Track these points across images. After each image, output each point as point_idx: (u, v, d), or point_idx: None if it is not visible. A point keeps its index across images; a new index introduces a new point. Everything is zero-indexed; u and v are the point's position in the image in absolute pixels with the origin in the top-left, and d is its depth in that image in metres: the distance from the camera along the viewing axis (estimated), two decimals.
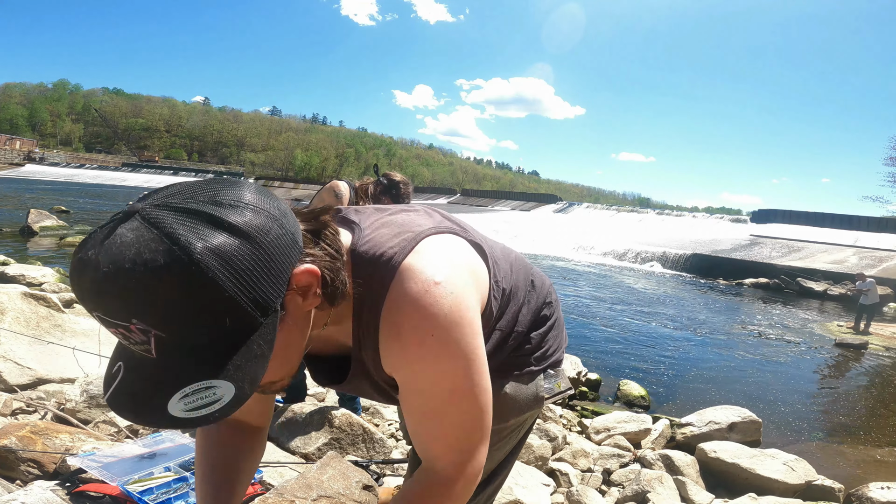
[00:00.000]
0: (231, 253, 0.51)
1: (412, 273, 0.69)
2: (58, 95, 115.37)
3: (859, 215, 29.06)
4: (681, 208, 65.98)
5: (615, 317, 9.70)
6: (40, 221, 12.58)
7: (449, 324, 0.68)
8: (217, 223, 0.52)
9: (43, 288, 5.63)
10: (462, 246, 0.79)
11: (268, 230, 0.55)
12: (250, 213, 0.54)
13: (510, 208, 48.92)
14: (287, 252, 0.57)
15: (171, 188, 0.57)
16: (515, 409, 0.98)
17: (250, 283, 0.52)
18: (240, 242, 0.52)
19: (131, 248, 0.49)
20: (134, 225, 0.51)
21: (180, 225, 0.50)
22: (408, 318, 0.68)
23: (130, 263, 0.48)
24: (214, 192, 0.55)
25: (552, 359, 1.02)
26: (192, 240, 0.49)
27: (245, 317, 0.53)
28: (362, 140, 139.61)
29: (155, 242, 0.49)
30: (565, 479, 2.74)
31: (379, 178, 2.74)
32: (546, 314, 1.02)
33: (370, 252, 0.71)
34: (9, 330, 2.75)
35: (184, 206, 0.52)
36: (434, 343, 0.68)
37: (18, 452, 1.65)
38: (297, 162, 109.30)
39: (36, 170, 75.71)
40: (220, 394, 0.53)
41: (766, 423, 4.42)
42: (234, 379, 0.54)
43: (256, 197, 0.58)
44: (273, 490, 1.60)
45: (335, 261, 0.66)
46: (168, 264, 0.48)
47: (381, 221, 0.77)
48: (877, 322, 11.38)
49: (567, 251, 22.82)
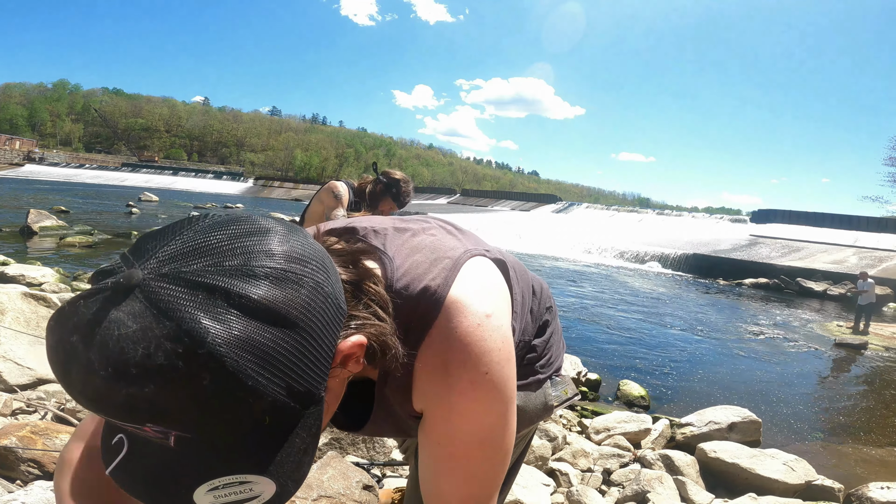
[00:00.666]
0: (269, 346, 0.41)
1: (461, 306, 0.63)
2: (57, 95, 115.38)
3: (859, 215, 29.10)
4: (680, 208, 66.00)
5: (615, 317, 9.70)
6: (40, 221, 12.57)
7: (502, 360, 0.63)
8: (251, 309, 0.41)
9: (43, 288, 5.63)
10: (493, 268, 0.74)
11: (312, 307, 0.45)
12: (292, 288, 0.44)
13: (510, 208, 48.90)
14: (333, 327, 0.48)
15: (181, 243, 0.43)
16: (526, 419, 0.95)
17: (291, 377, 0.43)
18: (278, 331, 0.42)
19: (136, 347, 0.38)
20: (136, 309, 0.39)
21: (201, 312, 0.39)
22: (458, 354, 0.61)
23: (138, 369, 0.38)
24: (245, 256, 0.43)
25: (555, 365, 1.01)
26: (218, 335, 0.39)
27: (286, 411, 0.44)
28: (362, 140, 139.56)
29: (168, 340, 0.38)
30: (565, 479, 2.74)
31: (378, 176, 2.71)
32: (547, 320, 1.01)
33: (410, 287, 0.64)
34: (9, 328, 2.74)
35: (203, 280, 0.40)
36: (487, 382, 0.62)
37: (19, 452, 1.64)
38: (297, 162, 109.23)
39: (36, 170, 75.67)
40: (259, 490, 0.45)
41: (766, 423, 4.42)
42: (274, 476, 0.45)
43: (297, 255, 0.46)
44: None
45: (383, 323, 0.57)
46: (190, 371, 0.38)
47: (409, 246, 0.70)
48: (877, 322, 11.38)
49: (567, 251, 22.81)
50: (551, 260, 20.08)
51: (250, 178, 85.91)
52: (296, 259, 0.45)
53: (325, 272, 0.48)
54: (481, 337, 0.62)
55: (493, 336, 0.62)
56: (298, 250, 0.46)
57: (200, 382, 0.38)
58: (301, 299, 0.44)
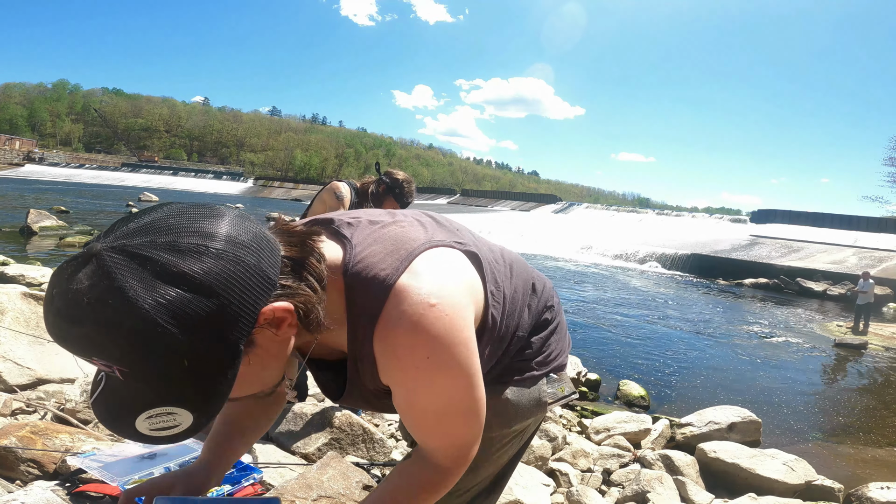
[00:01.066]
0: (184, 307, 0.52)
1: (406, 295, 0.69)
2: (57, 95, 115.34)
3: (859, 215, 29.13)
4: (680, 208, 66.02)
5: (615, 317, 9.70)
6: (40, 221, 12.58)
7: (444, 345, 0.69)
8: (172, 275, 0.52)
9: (42, 288, 5.62)
10: (456, 259, 0.79)
11: (228, 277, 0.55)
12: (211, 260, 0.55)
13: (510, 208, 48.95)
14: (252, 294, 0.58)
15: (134, 223, 0.57)
16: (518, 414, 0.97)
17: (205, 333, 0.54)
18: (193, 296, 0.53)
19: (84, 298, 0.51)
20: (90, 271, 0.52)
21: (133, 277, 0.51)
22: (403, 339, 0.69)
23: (82, 314, 0.51)
24: (177, 234, 0.55)
25: (555, 363, 1.01)
26: (143, 295, 0.51)
27: (203, 358, 0.55)
28: (362, 140, 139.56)
29: (107, 294, 0.51)
30: (565, 479, 2.74)
31: (381, 176, 2.70)
32: (547, 318, 1.01)
33: (363, 273, 0.72)
34: (9, 329, 2.75)
35: (140, 252, 0.53)
36: (430, 364, 0.69)
37: (18, 452, 1.64)
38: (297, 162, 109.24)
39: (35, 170, 75.71)
40: (180, 420, 0.58)
41: (766, 423, 4.42)
42: (192, 409, 0.58)
43: (225, 236, 0.57)
44: (273, 490, 1.60)
45: (314, 293, 0.66)
46: (118, 319, 0.51)
47: (373, 237, 0.77)
48: (876, 322, 11.39)
49: (567, 251, 22.83)
50: (551, 260, 20.08)
51: (250, 178, 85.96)
52: (220, 238, 0.57)
53: (255, 250, 0.59)
54: (423, 325, 0.67)
55: (435, 324, 0.68)
56: (225, 231, 0.58)
57: (123, 326, 0.51)
58: (216, 269, 0.55)
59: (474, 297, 0.79)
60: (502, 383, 0.96)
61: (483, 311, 0.83)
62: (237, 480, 1.65)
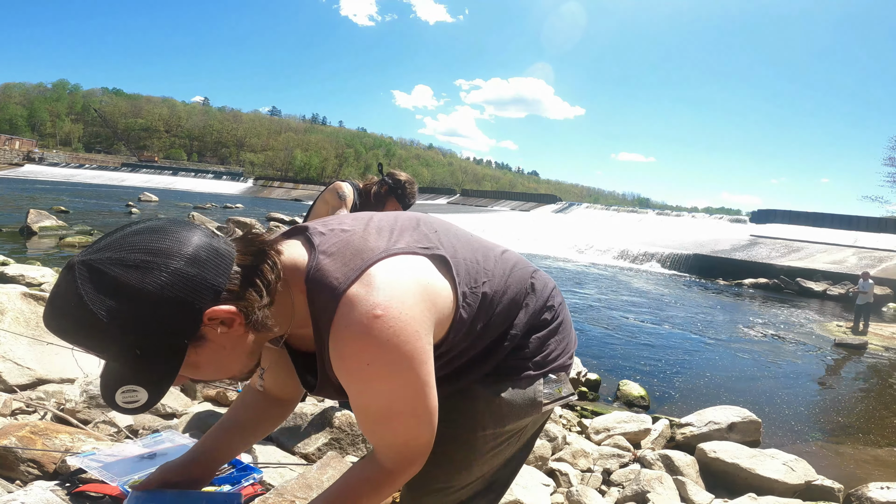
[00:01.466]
0: (126, 311, 0.66)
1: (352, 306, 0.75)
2: (57, 95, 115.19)
3: (859, 215, 29.14)
4: (680, 208, 66.01)
5: (615, 317, 9.70)
6: (40, 221, 12.57)
7: (386, 354, 0.74)
8: (117, 286, 0.66)
9: (42, 288, 5.62)
10: (416, 265, 0.83)
11: (165, 285, 0.67)
12: (152, 273, 0.67)
13: (510, 208, 48.95)
14: (192, 299, 0.69)
15: (105, 239, 0.71)
16: (512, 414, 0.96)
17: (149, 329, 0.68)
18: (133, 302, 0.66)
19: (60, 299, 0.68)
20: (67, 279, 0.67)
21: (91, 286, 0.66)
22: (349, 346, 0.75)
23: (58, 311, 0.68)
24: (128, 251, 0.68)
25: (554, 364, 1.01)
26: (95, 301, 0.65)
27: (150, 349, 0.69)
28: (362, 140, 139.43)
29: (74, 298, 0.66)
30: (565, 479, 2.74)
31: (383, 177, 2.70)
32: (547, 317, 1.01)
33: (320, 280, 0.79)
34: (8, 331, 2.75)
35: (97, 266, 0.67)
36: (371, 370, 0.75)
37: (18, 452, 1.64)
38: (297, 162, 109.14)
39: (35, 170, 75.69)
40: (140, 397, 0.73)
41: (766, 424, 4.42)
42: (147, 388, 0.73)
43: (167, 251, 0.69)
44: (273, 490, 1.60)
45: (260, 298, 0.76)
46: (80, 318, 0.66)
47: (337, 245, 0.83)
48: (876, 322, 11.39)
49: (567, 251, 22.83)
50: (551, 260, 20.08)
51: (250, 178, 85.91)
52: (162, 254, 0.69)
53: (198, 262, 0.70)
54: (367, 333, 0.74)
55: (379, 334, 0.73)
56: (168, 248, 0.69)
57: (83, 324, 0.66)
58: (155, 280, 0.67)
59: (434, 301, 0.82)
60: (497, 382, 0.96)
61: (454, 311, 0.86)
62: (237, 480, 1.65)
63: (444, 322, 0.85)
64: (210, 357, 0.76)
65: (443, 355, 0.89)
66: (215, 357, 0.77)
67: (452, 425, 0.97)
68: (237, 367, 0.83)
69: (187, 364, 0.75)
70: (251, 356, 0.83)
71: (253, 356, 0.84)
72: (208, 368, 0.78)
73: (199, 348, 0.74)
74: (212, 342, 0.75)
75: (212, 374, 0.80)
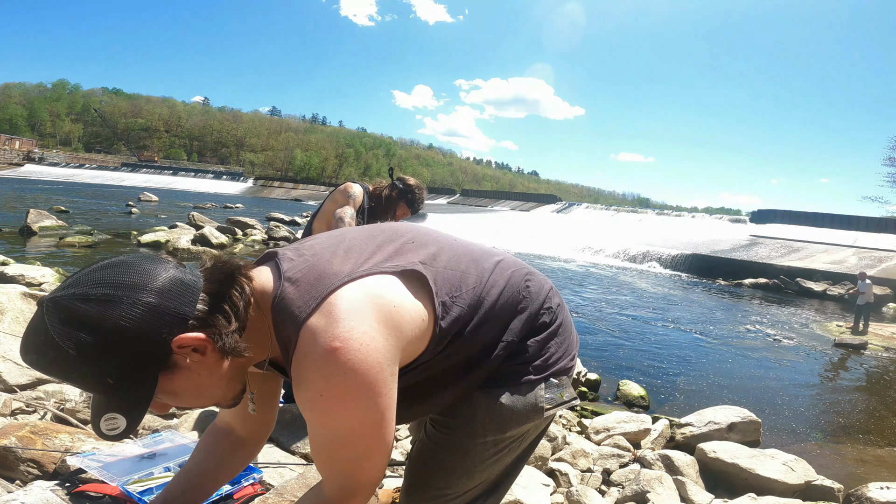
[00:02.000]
0: (93, 345, 0.69)
1: (312, 336, 0.76)
2: (57, 95, 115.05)
3: (858, 215, 29.12)
4: (680, 208, 65.98)
5: (615, 317, 9.71)
6: (39, 221, 12.57)
7: (339, 387, 0.75)
8: (80, 320, 0.69)
9: (42, 288, 5.61)
10: (380, 288, 0.82)
11: (126, 317, 0.70)
12: (114, 307, 0.69)
13: (510, 208, 48.95)
14: (157, 328, 0.71)
15: (73, 277, 0.74)
16: (513, 420, 0.95)
17: (116, 360, 0.70)
18: (97, 335, 0.69)
19: (30, 336, 0.71)
20: (37, 315, 0.71)
21: (57, 322, 0.69)
22: (304, 374, 0.76)
23: (30, 346, 0.71)
24: (91, 286, 0.71)
25: (555, 367, 0.99)
26: (61, 334, 0.68)
27: (121, 378, 0.72)
28: (362, 140, 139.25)
29: (42, 334, 0.69)
30: (565, 479, 2.73)
31: (394, 181, 2.77)
32: (545, 321, 0.99)
33: (282, 309, 0.80)
34: (8, 333, 2.75)
35: (63, 302, 0.70)
36: (322, 401, 0.76)
37: (18, 452, 1.64)
38: (297, 162, 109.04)
39: (35, 170, 75.67)
40: (120, 424, 0.75)
41: (766, 424, 4.42)
42: (125, 415, 0.75)
43: (129, 285, 0.71)
44: (273, 490, 1.60)
45: (229, 323, 0.77)
46: (47, 352, 0.69)
47: (301, 271, 0.83)
48: (876, 322, 11.39)
49: (567, 251, 22.82)
50: (551, 260, 20.08)
51: (250, 177, 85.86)
52: (124, 287, 0.71)
53: (161, 293, 0.72)
54: (322, 365, 0.74)
55: (336, 367, 0.74)
56: (130, 282, 0.72)
57: (48, 355, 0.70)
58: (116, 313, 0.69)
59: (399, 324, 0.81)
60: (496, 388, 0.95)
61: (432, 324, 0.86)
62: (237, 480, 1.65)
63: (421, 338, 0.85)
64: (186, 384, 0.78)
65: (422, 364, 0.89)
66: (192, 384, 0.78)
67: (452, 432, 0.97)
68: (219, 394, 0.84)
69: (165, 392, 0.77)
70: (232, 382, 0.84)
71: (234, 382, 0.84)
72: (188, 395, 0.80)
73: (173, 375, 0.76)
74: (186, 369, 0.76)
75: (193, 401, 0.82)
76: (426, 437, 1.02)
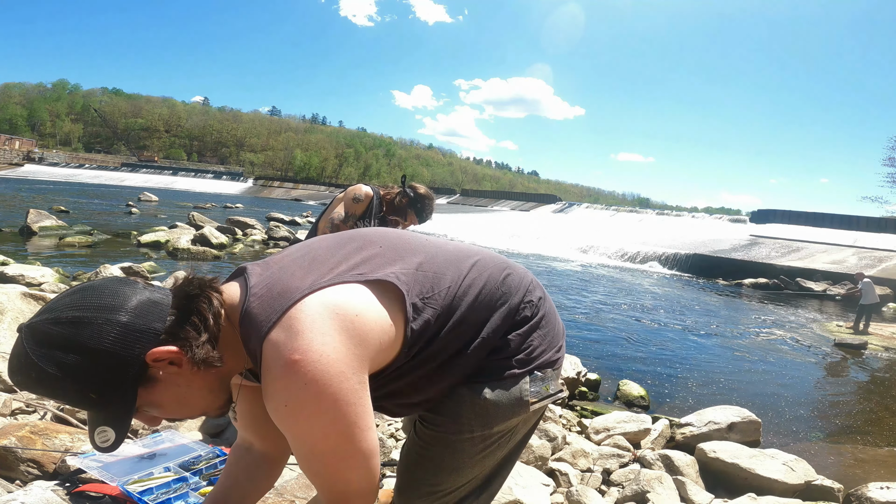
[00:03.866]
0: (69, 364, 0.73)
1: (274, 349, 0.78)
2: (57, 95, 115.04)
3: (858, 215, 29.13)
4: (680, 208, 65.96)
5: (615, 317, 9.70)
6: (39, 221, 12.55)
7: (302, 397, 0.76)
8: (55, 341, 0.73)
9: (42, 288, 5.61)
10: (342, 298, 0.83)
11: (96, 336, 0.74)
12: (85, 328, 0.74)
13: (510, 208, 48.96)
14: (128, 344, 0.75)
15: (49, 304, 0.79)
16: (499, 415, 0.95)
17: (94, 376, 0.75)
18: (73, 354, 0.73)
19: (14, 360, 0.76)
20: (17, 340, 0.76)
21: (34, 345, 0.74)
22: (269, 387, 0.78)
23: (13, 368, 0.76)
24: (61, 310, 0.75)
25: (539, 360, 0.99)
26: (41, 357, 0.73)
27: (103, 392, 0.76)
28: (362, 140, 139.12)
29: (24, 357, 0.74)
30: (565, 479, 2.74)
31: (405, 188, 2.78)
32: (527, 314, 1.00)
33: (247, 325, 0.82)
34: (8, 333, 2.74)
35: (38, 326, 0.75)
36: (287, 412, 0.78)
37: (18, 452, 1.64)
38: (297, 162, 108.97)
39: (35, 170, 75.62)
40: (110, 436, 0.79)
41: (766, 424, 4.42)
42: (112, 427, 0.79)
43: (96, 306, 0.76)
44: (273, 490, 1.60)
45: (199, 335, 0.80)
46: (32, 374, 0.74)
47: (266, 286, 0.86)
48: (876, 322, 11.39)
49: (567, 251, 22.81)
50: (551, 260, 20.07)
51: (250, 177, 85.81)
52: (91, 308, 0.75)
53: (129, 311, 0.77)
54: (285, 377, 0.76)
55: (297, 378, 0.75)
56: (98, 303, 0.76)
57: (31, 375, 0.74)
58: (86, 333, 0.74)
59: (363, 333, 0.81)
60: (480, 383, 0.95)
61: (403, 328, 0.87)
62: None
63: (392, 343, 0.86)
64: (167, 395, 0.81)
65: (401, 367, 0.90)
66: (173, 395, 0.82)
67: (440, 429, 0.98)
68: (202, 404, 0.87)
69: (149, 404, 0.81)
70: (214, 393, 0.87)
71: (218, 392, 0.87)
72: (171, 406, 0.83)
73: (153, 388, 0.80)
74: (164, 382, 0.80)
75: (178, 411, 0.85)
76: (415, 434, 1.03)
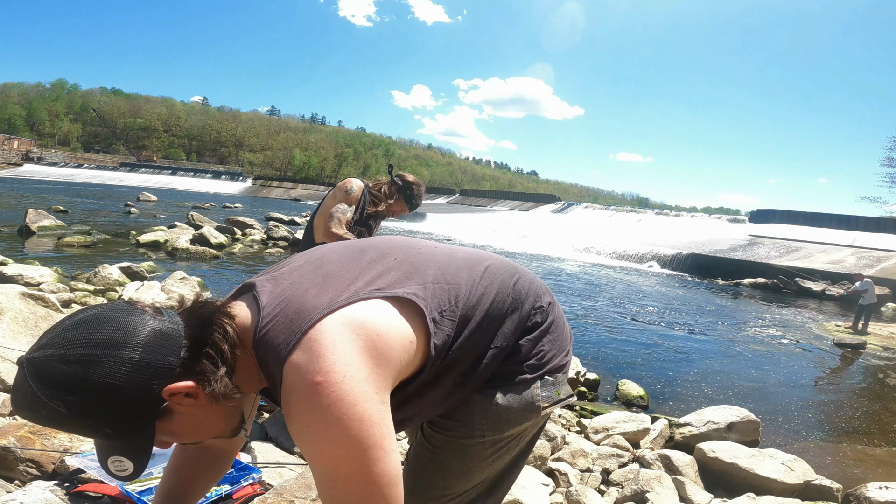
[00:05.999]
0: (81, 404, 0.70)
1: (295, 372, 0.76)
2: (56, 95, 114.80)
3: (857, 215, 29.15)
4: (679, 208, 66.01)
5: (614, 317, 9.71)
6: (38, 221, 12.53)
7: (324, 419, 0.74)
8: (63, 382, 0.69)
9: (41, 288, 5.61)
10: (362, 317, 0.81)
11: (108, 376, 0.70)
12: (94, 367, 0.70)
13: (509, 208, 48.97)
14: (143, 380, 0.72)
15: (47, 336, 0.74)
16: (511, 420, 0.96)
17: (108, 418, 0.72)
18: (84, 396, 0.70)
19: (19, 395, 0.72)
20: (20, 375, 0.71)
21: (39, 384, 0.70)
22: (291, 410, 0.77)
23: (18, 403, 0.72)
24: (68, 347, 0.71)
25: (549, 365, 0.99)
26: (49, 396, 0.69)
27: (118, 428, 0.74)
28: (361, 140, 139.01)
29: (30, 395, 0.70)
30: (564, 478, 2.74)
31: (393, 178, 2.81)
32: (537, 320, 1.00)
33: (264, 347, 0.80)
34: (7, 333, 2.74)
35: (41, 364, 0.70)
36: (309, 434, 0.76)
37: (17, 452, 1.64)
38: (296, 162, 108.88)
39: (34, 169, 75.52)
40: (127, 465, 0.77)
41: (765, 423, 4.42)
42: (130, 459, 0.77)
43: (106, 342, 0.71)
44: (273, 490, 1.60)
45: (216, 368, 0.78)
46: (42, 412, 0.71)
47: (280, 305, 0.83)
48: (875, 322, 11.40)
49: (566, 251, 22.82)
50: (550, 260, 20.07)
51: (249, 177, 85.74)
52: (101, 346, 0.71)
53: (141, 347, 0.73)
54: (307, 400, 0.75)
55: (320, 400, 0.74)
56: (107, 339, 0.72)
57: (41, 413, 0.71)
58: (97, 371, 0.70)
59: (386, 353, 0.80)
60: (492, 388, 0.95)
61: (425, 344, 0.86)
62: (236, 480, 1.65)
63: (413, 359, 0.85)
64: (184, 425, 0.80)
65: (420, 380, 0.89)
66: (190, 424, 0.80)
67: (450, 433, 0.97)
68: (218, 429, 0.86)
69: (166, 432, 0.79)
70: (229, 417, 0.86)
71: (232, 416, 0.87)
72: (188, 433, 0.82)
73: (171, 420, 0.78)
74: (181, 414, 0.78)
75: (193, 436, 0.84)
76: (423, 438, 1.02)
